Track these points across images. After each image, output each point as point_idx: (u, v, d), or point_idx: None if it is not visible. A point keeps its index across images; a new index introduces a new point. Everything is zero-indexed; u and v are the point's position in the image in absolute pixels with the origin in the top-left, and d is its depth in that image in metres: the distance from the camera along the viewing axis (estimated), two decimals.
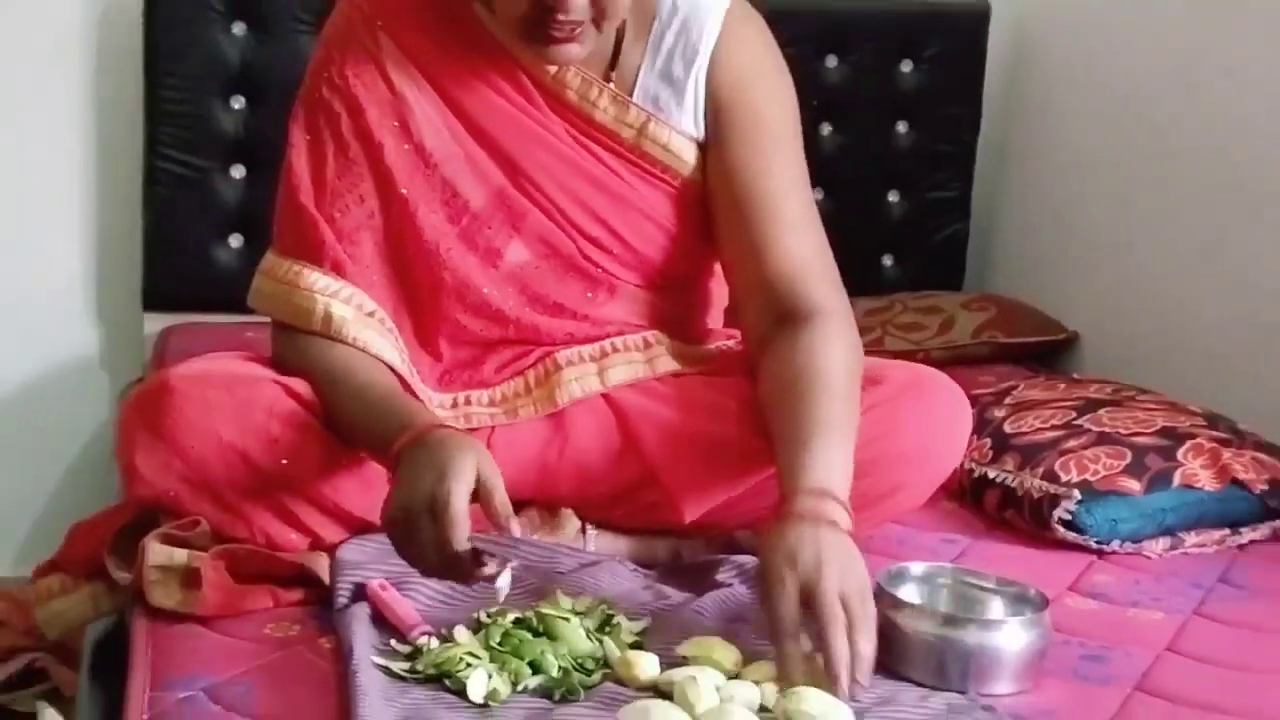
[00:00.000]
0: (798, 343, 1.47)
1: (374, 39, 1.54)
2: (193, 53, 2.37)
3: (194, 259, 2.43)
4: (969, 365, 2.39)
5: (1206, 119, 2.32)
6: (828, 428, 1.38)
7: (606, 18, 1.44)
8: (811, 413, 1.39)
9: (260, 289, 1.57)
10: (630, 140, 1.58)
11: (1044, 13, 2.71)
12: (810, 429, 1.38)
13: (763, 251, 1.54)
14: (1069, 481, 1.73)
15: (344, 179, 1.54)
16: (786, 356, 1.46)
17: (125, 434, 1.46)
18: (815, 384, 1.42)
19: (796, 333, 1.48)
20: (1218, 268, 2.29)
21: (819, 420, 1.39)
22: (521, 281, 1.59)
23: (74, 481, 2.52)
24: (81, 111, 2.45)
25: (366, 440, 1.44)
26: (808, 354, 1.45)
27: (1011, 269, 2.79)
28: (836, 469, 1.36)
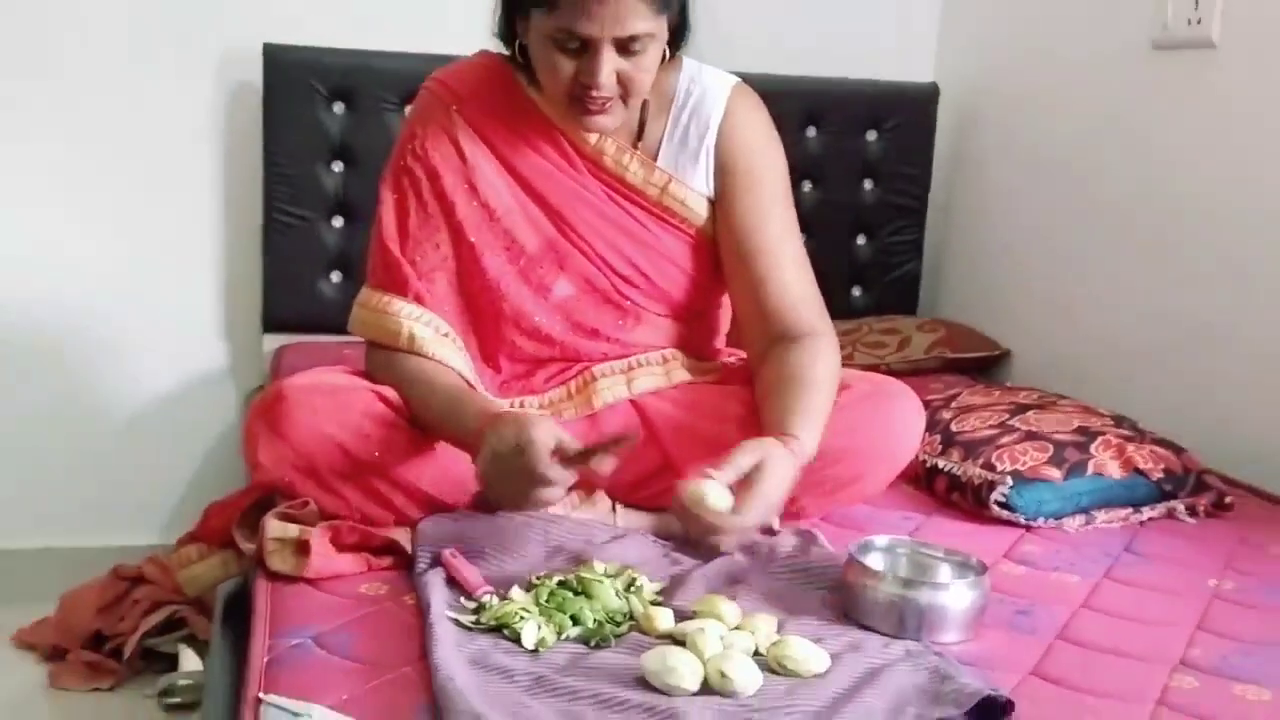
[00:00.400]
0: (790, 354, 1.51)
1: (449, 119, 1.55)
2: (302, 128, 2.39)
3: (302, 291, 2.44)
4: (922, 376, 2.39)
5: (1113, 177, 2.31)
6: (809, 408, 1.44)
7: (631, 94, 1.46)
8: (797, 400, 1.44)
9: (357, 316, 1.57)
10: (655, 197, 1.59)
11: (983, 91, 2.71)
12: (795, 408, 1.43)
13: (763, 287, 1.55)
14: (1003, 470, 1.72)
15: (423, 230, 1.55)
16: (781, 362, 1.50)
17: (249, 433, 1.47)
18: (801, 381, 1.46)
19: (790, 347, 1.52)
20: (1123, 297, 2.28)
21: (802, 404, 1.44)
22: (566, 311, 1.59)
23: (208, 469, 2.53)
24: (215, 175, 2.47)
25: (450, 428, 1.45)
26: (797, 362, 1.49)
27: (956, 298, 2.79)
28: (810, 433, 1.42)
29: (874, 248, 2.75)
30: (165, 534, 2.48)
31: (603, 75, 1.41)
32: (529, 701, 1.09)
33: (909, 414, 1.58)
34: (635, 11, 1.38)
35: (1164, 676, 1.24)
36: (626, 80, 1.44)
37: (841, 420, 1.53)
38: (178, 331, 2.49)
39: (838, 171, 2.69)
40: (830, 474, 1.55)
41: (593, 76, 1.41)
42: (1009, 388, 2.13)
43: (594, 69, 1.41)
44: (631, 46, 1.41)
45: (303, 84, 2.37)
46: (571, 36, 1.40)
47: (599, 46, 1.40)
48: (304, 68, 2.37)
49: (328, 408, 1.45)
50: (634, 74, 1.43)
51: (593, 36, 1.39)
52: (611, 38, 1.39)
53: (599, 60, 1.40)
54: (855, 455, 1.54)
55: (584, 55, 1.41)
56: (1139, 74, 2.24)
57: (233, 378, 2.54)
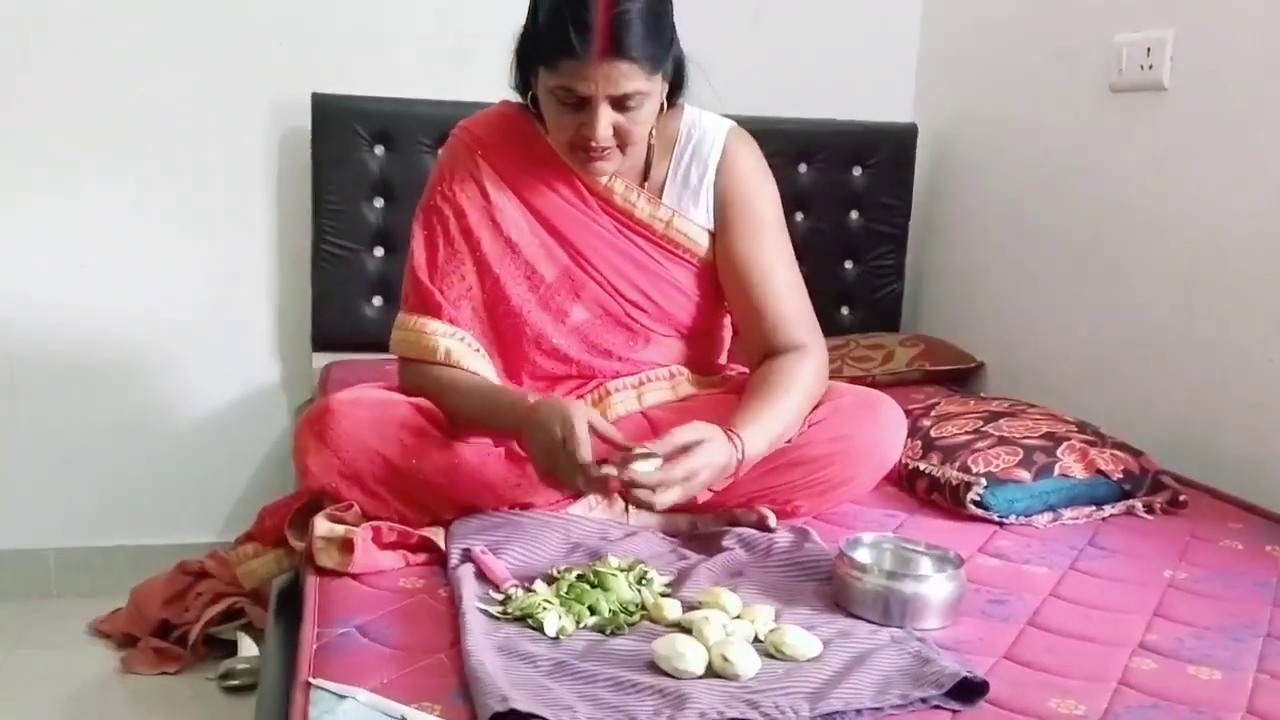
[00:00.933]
0: (770, 364, 1.53)
1: (475, 163, 1.56)
2: (347, 168, 2.39)
3: (348, 314, 2.44)
4: (905, 387, 2.39)
5: (1074, 204, 2.30)
6: (763, 414, 1.45)
7: (628, 144, 1.46)
8: (756, 404, 1.46)
9: (397, 338, 1.58)
10: (661, 231, 1.59)
11: (957, 130, 2.70)
12: (750, 411, 1.45)
13: (758, 308, 1.56)
14: (978, 472, 1.72)
15: (450, 264, 1.56)
16: (767, 366, 1.52)
17: (299, 442, 1.47)
18: (767, 387, 1.49)
19: (774, 359, 1.53)
20: (1084, 313, 2.27)
21: (757, 408, 1.46)
22: (582, 334, 1.59)
23: (263, 473, 2.54)
24: (269, 211, 2.48)
25: (492, 421, 1.45)
26: (772, 370, 1.52)
27: (935, 316, 2.78)
28: (757, 435, 1.42)
29: (860, 271, 2.75)
30: (225, 533, 2.49)
31: (599, 130, 1.41)
32: (551, 684, 1.09)
33: (893, 422, 1.58)
34: (629, 74, 1.38)
35: (1125, 659, 1.23)
36: (623, 133, 1.44)
37: (832, 428, 1.54)
38: (236, 350, 2.50)
39: (827, 203, 2.69)
40: (822, 476, 1.55)
41: (591, 130, 1.42)
42: (983, 397, 2.12)
43: (591, 123, 1.41)
44: (627, 104, 1.41)
45: (348, 128, 2.38)
46: (571, 93, 1.40)
47: (596, 103, 1.40)
48: (349, 114, 2.38)
49: (370, 420, 1.45)
50: (629, 127, 1.44)
51: (590, 95, 1.39)
52: (607, 96, 1.39)
53: (595, 116, 1.41)
54: (845, 459, 1.55)
55: (583, 110, 1.41)
56: (1097, 113, 2.24)
57: (285, 392, 2.54)
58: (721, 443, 1.37)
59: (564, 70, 1.38)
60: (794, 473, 1.55)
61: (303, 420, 1.51)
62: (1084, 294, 2.28)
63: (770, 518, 1.55)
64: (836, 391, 1.59)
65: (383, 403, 1.48)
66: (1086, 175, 2.27)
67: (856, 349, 2.53)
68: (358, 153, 2.40)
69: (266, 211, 2.48)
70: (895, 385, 2.37)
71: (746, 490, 1.55)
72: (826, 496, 1.58)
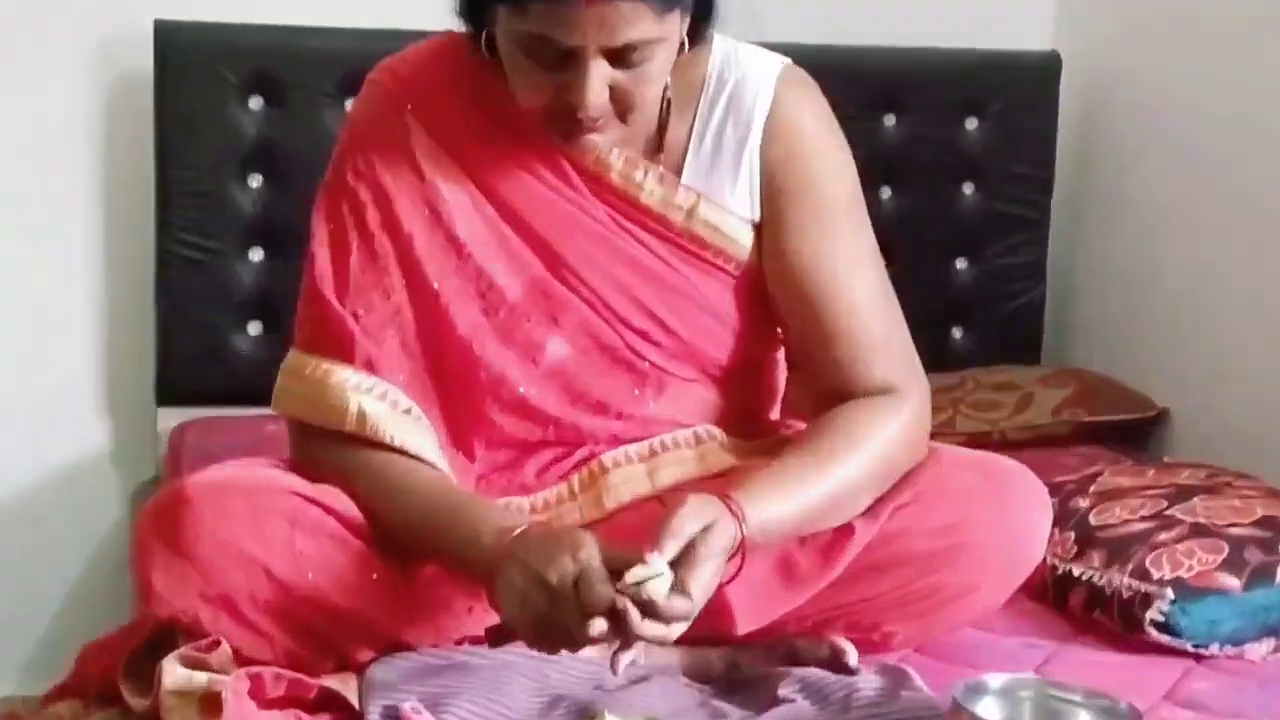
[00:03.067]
0: (843, 409, 1.54)
1: (402, 123, 1.57)
2: (207, 130, 2.41)
3: (210, 348, 2.46)
4: (1048, 447, 2.39)
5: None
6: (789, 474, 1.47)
7: (632, 110, 1.47)
8: (786, 460, 1.48)
9: (287, 389, 1.58)
10: (680, 224, 1.60)
11: (1119, 60, 2.72)
12: (773, 470, 1.47)
13: (828, 335, 1.57)
14: (1161, 579, 1.72)
15: (368, 273, 1.56)
16: (825, 417, 1.54)
17: (140, 548, 1.47)
18: (833, 433, 1.51)
19: (849, 403, 1.55)
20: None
21: (783, 467, 1.48)
22: (563, 379, 1.60)
23: (84, 589, 2.54)
24: (88, 191, 2.50)
25: (442, 546, 1.46)
26: (847, 414, 1.53)
27: (1093, 339, 2.79)
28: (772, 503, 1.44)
29: (978, 273, 2.76)
30: (25, 681, 2.48)
31: (590, 95, 1.42)
32: None
33: (1031, 503, 1.58)
34: (632, 16, 1.38)
35: None
36: (624, 96, 1.45)
37: (937, 513, 1.54)
38: (42, 406, 2.50)
39: (926, 172, 2.70)
40: (925, 587, 1.55)
41: (577, 95, 1.42)
42: (1167, 464, 2.12)
43: (579, 86, 1.42)
44: (629, 57, 1.42)
45: (208, 72, 2.40)
46: (547, 44, 1.41)
47: (584, 58, 1.41)
48: (209, 51, 2.40)
49: (246, 514, 1.45)
50: (634, 89, 1.45)
51: (577, 47, 1.40)
52: (601, 48, 1.40)
53: (585, 76, 1.41)
54: (959, 561, 1.55)
55: (565, 67, 1.42)
56: None
57: (116, 469, 2.55)
58: (726, 519, 1.38)
59: (535, 12, 1.39)
60: (883, 582, 1.55)
61: (145, 513, 1.51)
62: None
63: (849, 652, 1.54)
64: (943, 458, 1.58)
65: (265, 487, 1.48)
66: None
67: (975, 391, 2.53)
68: (224, 108, 2.42)
69: (87, 197, 2.49)
70: (1035, 446, 2.36)
71: (813, 610, 1.55)
72: (933, 617, 1.58)
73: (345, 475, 1.51)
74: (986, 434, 2.41)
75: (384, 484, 1.50)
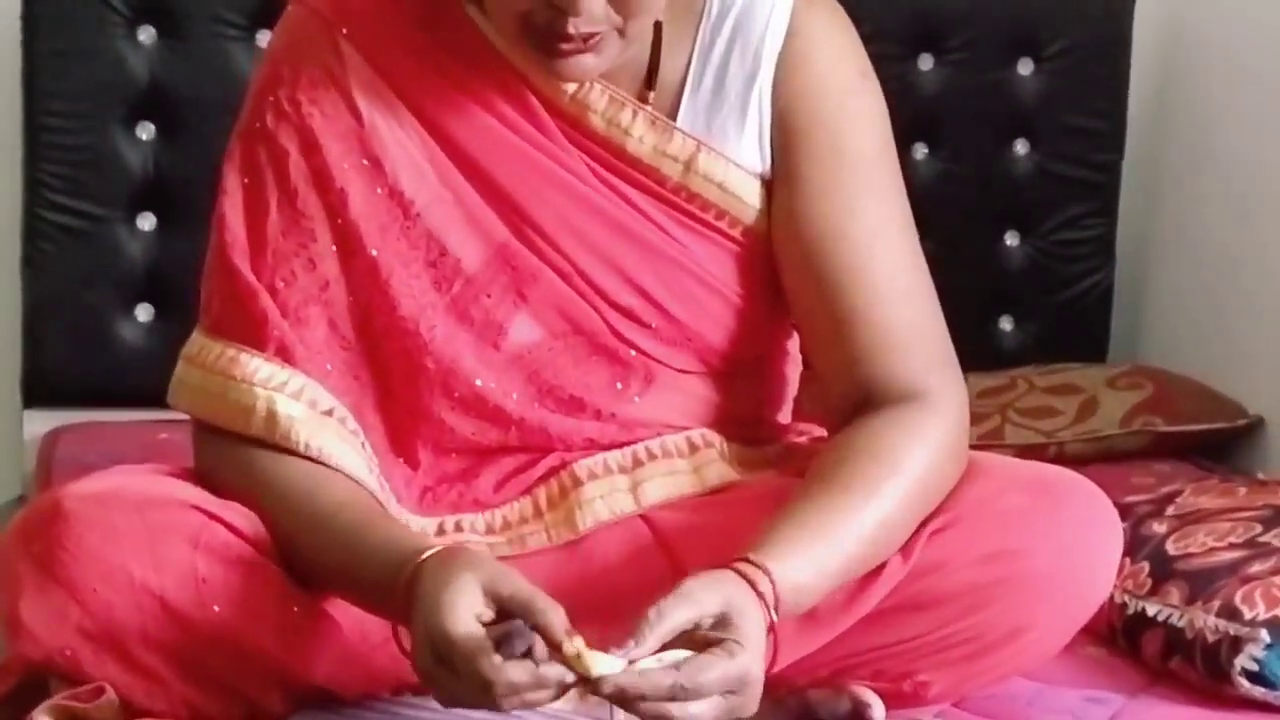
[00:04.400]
0: (867, 424, 1.54)
1: (335, 51, 1.58)
2: (88, 67, 2.42)
3: (89, 337, 2.47)
4: (1118, 462, 2.41)
5: None
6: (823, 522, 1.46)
7: (633, 16, 1.47)
8: (813, 504, 1.48)
9: (185, 380, 1.59)
10: (675, 178, 1.61)
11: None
12: (798, 518, 1.46)
13: (846, 325, 1.58)
14: (1254, 619, 1.72)
15: (290, 237, 1.57)
16: (851, 433, 1.54)
17: (6, 575, 1.47)
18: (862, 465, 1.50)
19: (873, 417, 1.54)
20: None
21: (815, 511, 1.47)
22: (530, 368, 1.61)
23: None
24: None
25: (347, 588, 1.47)
26: (872, 436, 1.53)
27: (1171, 333, 2.82)
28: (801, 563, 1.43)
29: (1034, 250, 2.78)
30: None
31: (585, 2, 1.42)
32: None
33: (1094, 526, 1.59)
34: None
35: None
36: (625, 5, 1.46)
37: (982, 539, 1.55)
38: None
39: (971, 126, 2.72)
40: (967, 628, 1.56)
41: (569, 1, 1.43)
42: (1261, 482, 2.14)
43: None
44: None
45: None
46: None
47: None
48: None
49: (136, 533, 1.46)
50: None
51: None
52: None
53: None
54: (1005, 597, 1.55)
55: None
56: None
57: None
58: (746, 602, 1.36)
59: None
60: (916, 623, 1.55)
61: (10, 535, 1.51)
62: None
63: (874, 706, 1.55)
64: (989, 471, 1.59)
65: (160, 500, 1.49)
66: None
67: (1029, 394, 2.55)
68: (108, 40, 2.43)
69: None
70: (1101, 461, 2.38)
71: (832, 656, 1.56)
72: (975, 665, 1.59)
73: (249, 487, 1.52)
74: (1042, 446, 2.43)
75: (292, 501, 1.51)
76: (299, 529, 1.50)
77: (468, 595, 1.31)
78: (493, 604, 1.32)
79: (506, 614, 1.32)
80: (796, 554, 1.43)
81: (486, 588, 1.33)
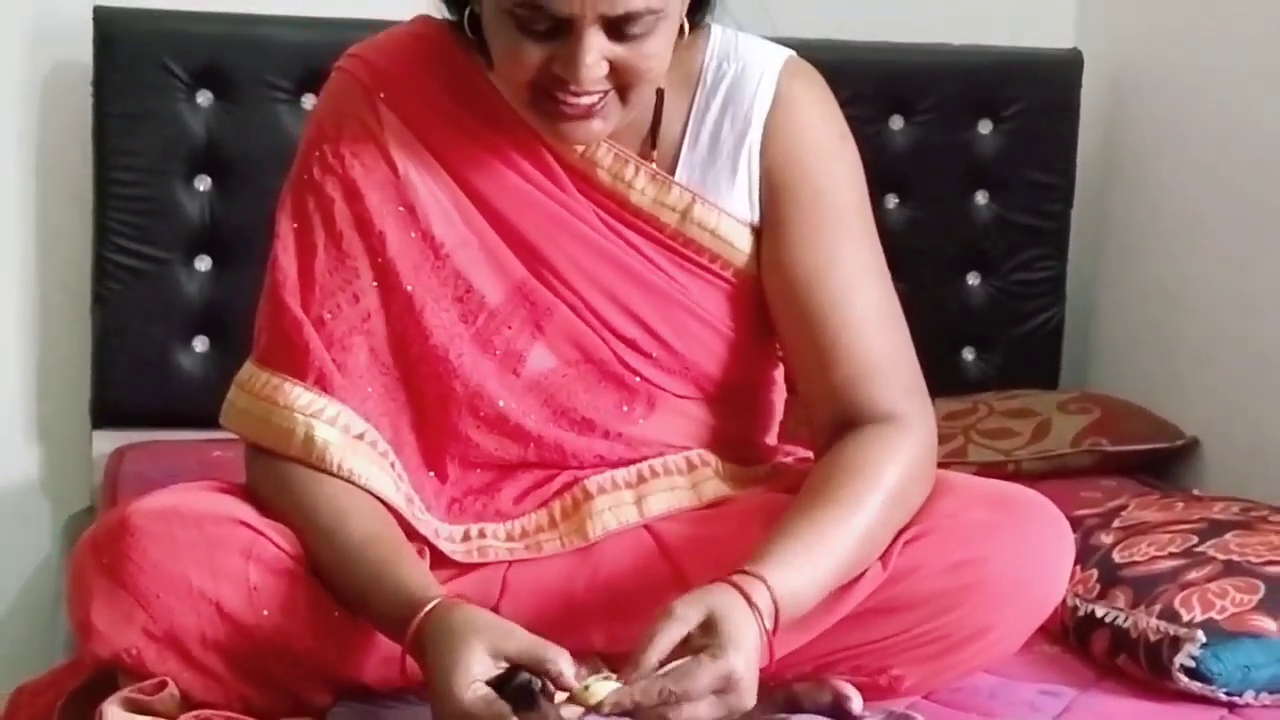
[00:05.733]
0: (848, 444, 1.54)
1: (374, 113, 1.58)
2: (151, 126, 2.42)
3: (151, 366, 2.46)
4: (1069, 478, 2.41)
5: None
6: (811, 532, 1.46)
7: (634, 85, 1.48)
8: (802, 517, 1.47)
9: (235, 403, 1.59)
10: (673, 226, 1.61)
11: (1146, 59, 2.75)
12: (791, 529, 1.46)
13: (831, 353, 1.58)
14: (1191, 621, 1.72)
15: (336, 274, 1.58)
16: (835, 454, 1.54)
17: (78, 581, 1.47)
18: (848, 480, 1.50)
19: (851, 439, 1.55)
20: None
21: (804, 523, 1.47)
22: (546, 392, 1.61)
23: (13, 629, 2.54)
24: (19, 194, 2.51)
25: (366, 616, 1.47)
26: (855, 452, 1.53)
27: (1117, 363, 2.81)
28: (794, 571, 1.43)
29: (993, 290, 2.78)
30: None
31: (585, 67, 1.43)
32: None
33: (1050, 537, 1.59)
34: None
35: None
36: (625, 72, 1.46)
37: (949, 548, 1.55)
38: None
39: (937, 179, 2.73)
40: (936, 628, 1.56)
41: (572, 68, 1.43)
42: (1197, 497, 2.13)
43: (574, 58, 1.42)
44: (629, 29, 1.44)
45: (152, 64, 2.41)
46: (540, 14, 1.42)
47: (580, 28, 1.42)
48: (154, 41, 2.41)
49: (195, 545, 1.46)
50: (635, 65, 1.46)
51: (573, 15, 1.41)
52: (599, 16, 1.42)
53: (581, 47, 1.42)
54: (970, 601, 1.55)
55: (558, 38, 1.44)
56: None
57: (47, 495, 2.55)
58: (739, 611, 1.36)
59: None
60: (890, 623, 1.55)
61: (81, 545, 1.51)
62: None
63: (854, 698, 1.54)
64: (955, 487, 1.59)
65: (216, 516, 1.49)
66: None
67: (989, 418, 2.55)
68: (170, 103, 2.43)
69: (18, 201, 2.50)
70: (1053, 477, 2.38)
71: (815, 653, 1.56)
72: (943, 661, 1.59)
73: (287, 504, 1.52)
74: (1001, 464, 2.42)
75: (322, 522, 1.51)
76: (327, 556, 1.50)
77: (478, 664, 1.33)
78: (500, 662, 1.33)
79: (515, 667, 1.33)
80: (793, 564, 1.43)
81: (492, 652, 1.33)
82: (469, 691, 1.30)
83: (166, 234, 2.46)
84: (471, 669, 1.31)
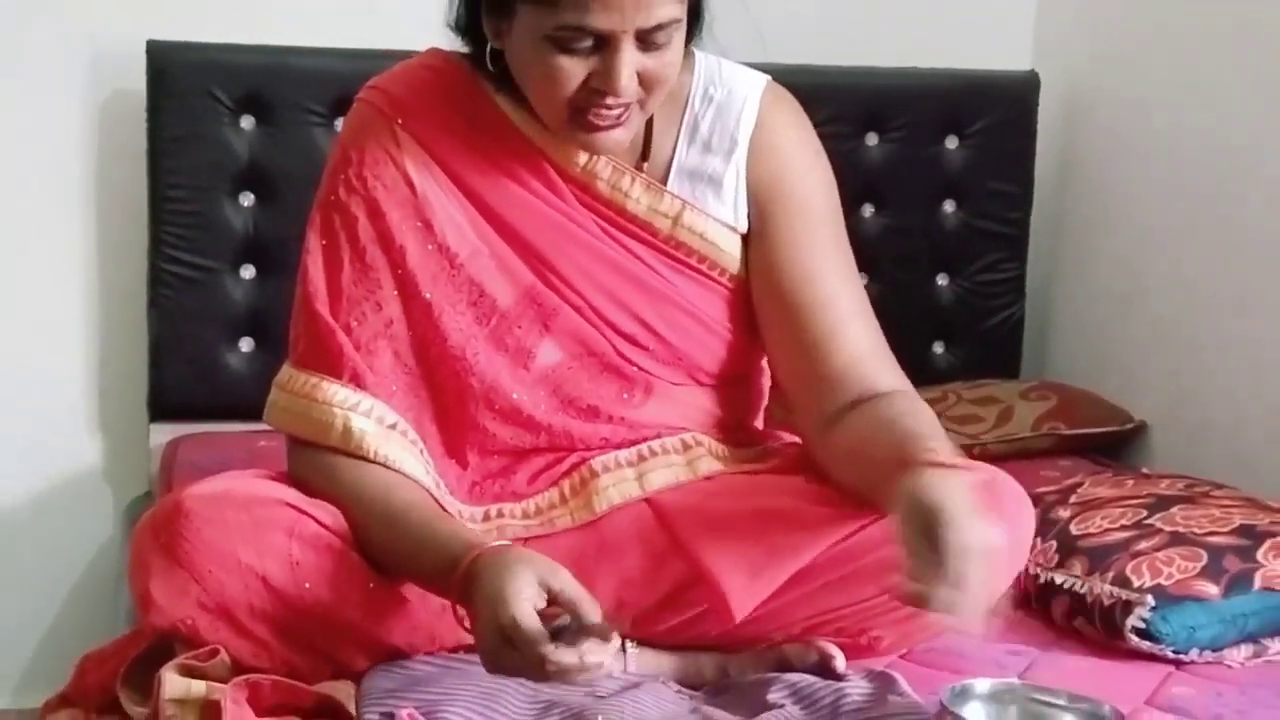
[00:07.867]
0: (881, 402, 1.56)
1: (393, 137, 1.59)
2: (199, 149, 2.42)
3: (202, 365, 2.46)
4: (1030, 459, 2.40)
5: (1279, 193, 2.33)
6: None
7: (653, 96, 1.50)
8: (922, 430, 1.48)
9: (276, 403, 1.60)
10: (665, 231, 1.62)
11: (1097, 80, 2.74)
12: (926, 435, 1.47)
13: (822, 348, 1.60)
14: (1141, 586, 1.73)
15: (360, 285, 1.58)
16: (874, 411, 1.55)
17: (138, 559, 1.48)
18: (915, 419, 1.51)
19: (875, 403, 1.56)
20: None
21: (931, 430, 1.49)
22: (554, 384, 1.62)
23: (79, 603, 2.54)
24: (81, 209, 2.50)
25: (414, 572, 1.48)
26: (897, 407, 1.55)
27: (1072, 354, 2.81)
28: None
29: (960, 290, 2.78)
30: (23, 694, 2.49)
31: (625, 79, 1.46)
32: None
33: (1014, 513, 1.59)
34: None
35: None
36: (650, 81, 1.49)
37: None
38: (33, 422, 2.50)
39: (908, 190, 2.72)
40: None
41: (613, 80, 1.46)
42: (1145, 475, 2.13)
43: (614, 70, 1.45)
44: (655, 38, 1.46)
45: (200, 92, 2.41)
46: (582, 33, 1.44)
47: (619, 43, 1.44)
48: (201, 71, 2.41)
49: (243, 525, 1.47)
50: (659, 70, 1.48)
51: (613, 31, 1.43)
52: (635, 30, 1.44)
53: (620, 59, 1.45)
54: None
55: (597, 55, 1.46)
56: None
57: (108, 481, 2.55)
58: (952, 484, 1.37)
59: (568, 3, 1.42)
60: (868, 587, 1.55)
61: (141, 527, 1.52)
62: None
63: (837, 657, 1.56)
64: None
65: (262, 499, 1.50)
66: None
67: (957, 405, 2.55)
68: (216, 127, 2.43)
69: (80, 215, 2.50)
70: (1016, 458, 2.38)
71: (799, 615, 1.57)
72: (918, 623, 1.59)
73: (332, 488, 1.53)
74: (968, 448, 2.41)
75: (366, 499, 1.52)
76: (374, 523, 1.51)
77: (528, 587, 1.33)
78: (545, 594, 1.34)
79: (555, 602, 1.34)
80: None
81: (541, 581, 1.34)
82: (522, 613, 1.31)
83: (214, 245, 2.45)
84: (522, 590, 1.32)
